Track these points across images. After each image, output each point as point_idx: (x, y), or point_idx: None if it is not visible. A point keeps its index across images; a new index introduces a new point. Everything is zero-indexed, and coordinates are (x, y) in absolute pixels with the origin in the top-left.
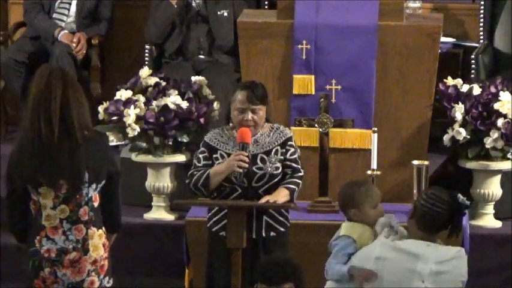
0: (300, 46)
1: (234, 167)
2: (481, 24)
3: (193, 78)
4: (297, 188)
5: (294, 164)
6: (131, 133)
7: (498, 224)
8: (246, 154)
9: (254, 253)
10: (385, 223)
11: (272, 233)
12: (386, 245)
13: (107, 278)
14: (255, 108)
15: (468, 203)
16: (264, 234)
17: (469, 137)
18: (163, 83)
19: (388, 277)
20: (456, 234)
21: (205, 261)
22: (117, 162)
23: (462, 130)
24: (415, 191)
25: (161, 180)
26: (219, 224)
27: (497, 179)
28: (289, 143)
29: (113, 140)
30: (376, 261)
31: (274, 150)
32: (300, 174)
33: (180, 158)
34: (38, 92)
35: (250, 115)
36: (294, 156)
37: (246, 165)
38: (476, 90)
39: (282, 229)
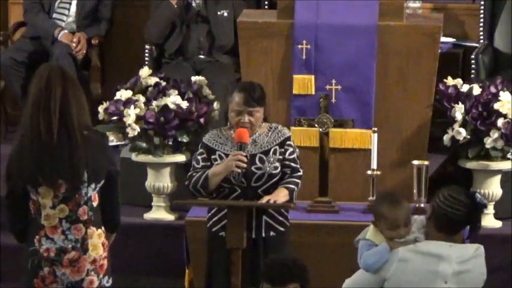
0: (300, 46)
1: (232, 167)
2: (481, 24)
3: (193, 78)
4: (296, 188)
5: (292, 164)
6: (131, 133)
7: (498, 224)
8: (244, 154)
9: (254, 253)
10: (421, 224)
11: (272, 233)
12: (408, 247)
13: (106, 277)
14: (252, 110)
15: (486, 202)
16: (263, 234)
17: (469, 137)
18: (163, 83)
19: (410, 278)
20: (475, 233)
21: (205, 261)
22: (116, 162)
23: (462, 130)
24: (415, 191)
25: (161, 180)
26: (219, 224)
27: (497, 179)
28: (288, 142)
29: (113, 140)
30: (398, 263)
31: (272, 150)
32: (299, 173)
33: (180, 158)
34: (38, 92)
35: (246, 117)
36: (293, 156)
37: (244, 165)
38: (476, 90)
39: (281, 229)
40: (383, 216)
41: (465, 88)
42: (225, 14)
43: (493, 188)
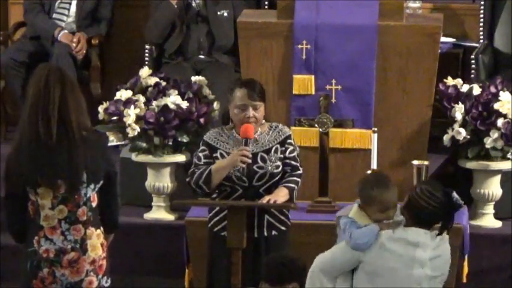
0: (300, 46)
1: (237, 162)
2: (481, 24)
3: (193, 78)
4: (296, 187)
5: (293, 162)
6: (131, 133)
7: (498, 224)
8: (249, 149)
9: (256, 252)
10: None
11: (274, 232)
12: (387, 233)
13: (105, 277)
14: (256, 104)
15: (462, 202)
16: (265, 234)
17: (469, 137)
18: (163, 83)
19: (388, 264)
20: (446, 231)
21: (206, 261)
22: (114, 162)
23: (462, 130)
24: None
25: (161, 180)
26: (220, 225)
27: (497, 179)
28: (288, 141)
29: (113, 140)
30: (377, 248)
31: (274, 148)
32: (299, 172)
33: (180, 158)
34: (36, 93)
35: (251, 112)
36: (293, 154)
37: (249, 160)
38: (476, 90)
39: (283, 228)
40: (374, 199)
41: (465, 88)
42: (225, 14)
43: (493, 188)
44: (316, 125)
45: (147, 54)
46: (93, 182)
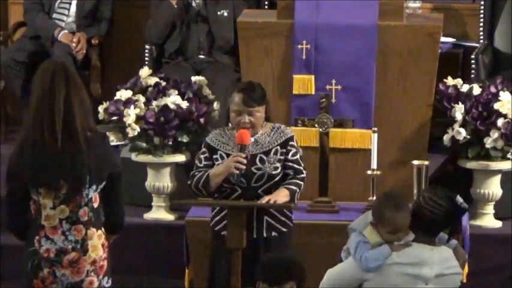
0: (300, 46)
1: (231, 169)
2: (481, 24)
3: (193, 78)
4: (298, 190)
5: (296, 165)
6: (131, 133)
7: (498, 224)
8: (244, 156)
9: (255, 253)
10: None
11: (274, 233)
12: (395, 254)
13: (105, 278)
14: (252, 110)
15: (467, 205)
16: (265, 235)
17: (469, 137)
18: (163, 83)
19: (392, 281)
20: (456, 235)
21: (206, 260)
22: (119, 163)
23: (462, 130)
24: (415, 191)
25: (161, 180)
26: (221, 224)
27: (497, 179)
28: (291, 143)
29: (113, 140)
30: (385, 266)
31: (273, 150)
32: (303, 175)
33: (180, 158)
34: (41, 94)
35: (247, 118)
36: (296, 157)
37: (243, 167)
38: (476, 90)
39: (283, 229)
40: (385, 221)
41: (465, 88)
42: (225, 14)
43: (493, 188)
44: (316, 125)
45: (147, 54)
46: (95, 182)
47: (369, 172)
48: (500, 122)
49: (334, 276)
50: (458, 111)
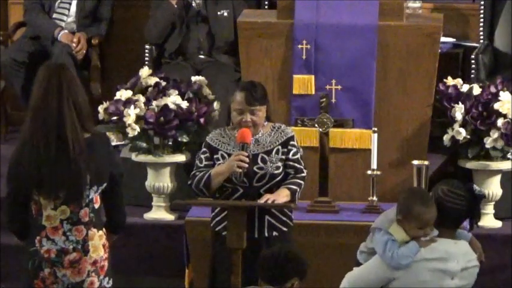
0: (300, 46)
1: (234, 167)
2: (481, 24)
3: (193, 78)
4: (298, 189)
5: (296, 165)
6: (131, 133)
7: (498, 224)
8: (246, 154)
9: (256, 253)
10: None
11: (275, 233)
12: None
13: (106, 278)
14: (253, 109)
15: (484, 192)
16: (266, 234)
17: (469, 137)
18: (163, 83)
19: (420, 278)
20: (476, 223)
21: (206, 260)
22: (121, 164)
23: (462, 130)
24: None
25: (161, 180)
26: (222, 224)
27: (497, 179)
28: (291, 142)
29: (113, 140)
30: (414, 263)
31: (275, 149)
32: (303, 174)
33: (180, 158)
34: (36, 104)
35: (248, 116)
36: (297, 157)
37: (246, 165)
38: (476, 90)
39: (284, 229)
40: (414, 216)
41: (465, 88)
42: (225, 14)
43: (493, 188)
44: (316, 125)
45: (147, 54)
46: (96, 184)
47: (369, 172)
48: (500, 122)
49: (359, 278)
50: (458, 111)
